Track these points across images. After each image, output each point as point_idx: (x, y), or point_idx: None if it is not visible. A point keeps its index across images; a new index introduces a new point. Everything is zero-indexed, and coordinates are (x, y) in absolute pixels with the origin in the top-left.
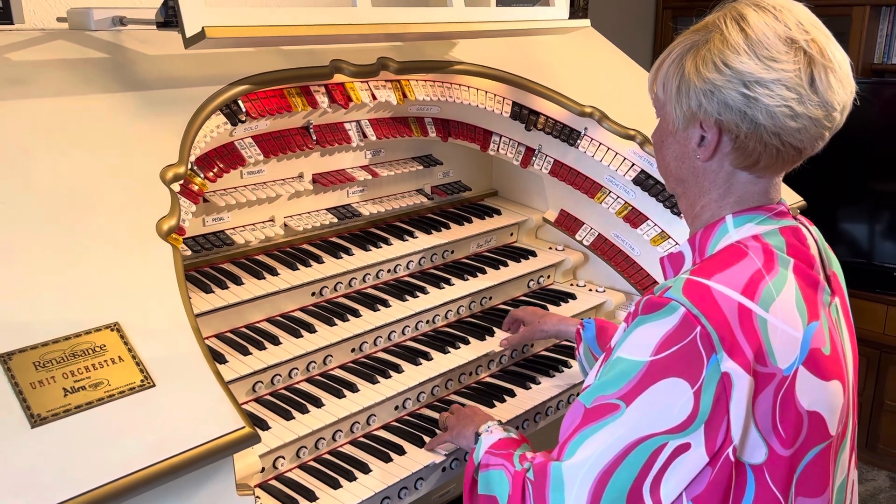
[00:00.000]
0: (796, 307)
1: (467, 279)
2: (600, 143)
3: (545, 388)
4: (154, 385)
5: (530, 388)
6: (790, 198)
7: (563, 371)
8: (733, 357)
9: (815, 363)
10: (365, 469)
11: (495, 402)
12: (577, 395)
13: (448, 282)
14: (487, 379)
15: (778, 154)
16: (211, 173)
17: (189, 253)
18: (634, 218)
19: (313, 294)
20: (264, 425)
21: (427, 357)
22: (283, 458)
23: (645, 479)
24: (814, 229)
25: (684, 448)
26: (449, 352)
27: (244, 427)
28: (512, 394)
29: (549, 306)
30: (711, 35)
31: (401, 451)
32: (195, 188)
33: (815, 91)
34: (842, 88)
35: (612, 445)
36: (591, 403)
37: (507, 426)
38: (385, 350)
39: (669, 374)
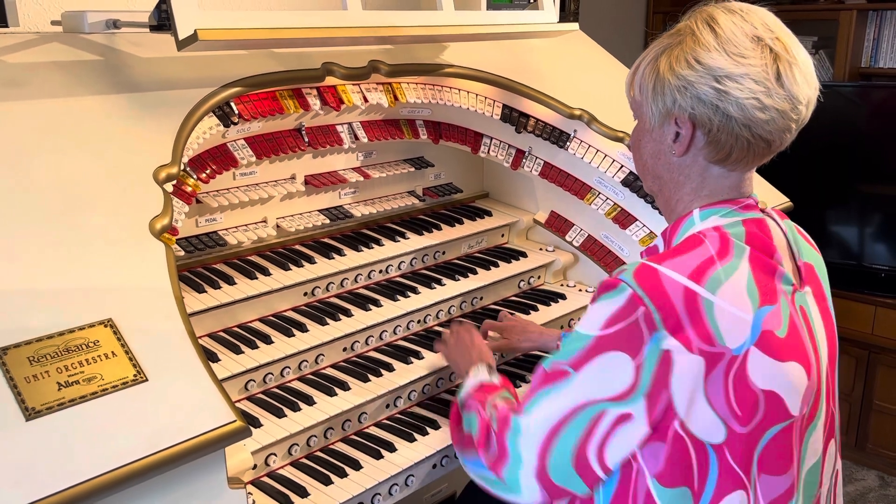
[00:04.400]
0: (746, 291)
1: (458, 280)
2: (589, 146)
3: None
4: (147, 380)
5: (520, 385)
6: (776, 199)
7: None
8: (675, 336)
9: (768, 344)
10: (356, 466)
11: None
12: None
13: (439, 282)
14: None
15: (749, 146)
16: (204, 174)
17: (182, 253)
18: (623, 219)
19: (305, 294)
20: (256, 423)
21: (418, 356)
22: (276, 455)
23: (588, 442)
24: (786, 223)
25: (626, 418)
26: (439, 351)
27: (235, 421)
28: None
29: (539, 306)
30: (683, 37)
31: (391, 448)
32: (188, 189)
33: (782, 85)
34: (806, 84)
35: (560, 407)
36: (549, 368)
37: (493, 370)
38: (376, 349)
39: (613, 348)
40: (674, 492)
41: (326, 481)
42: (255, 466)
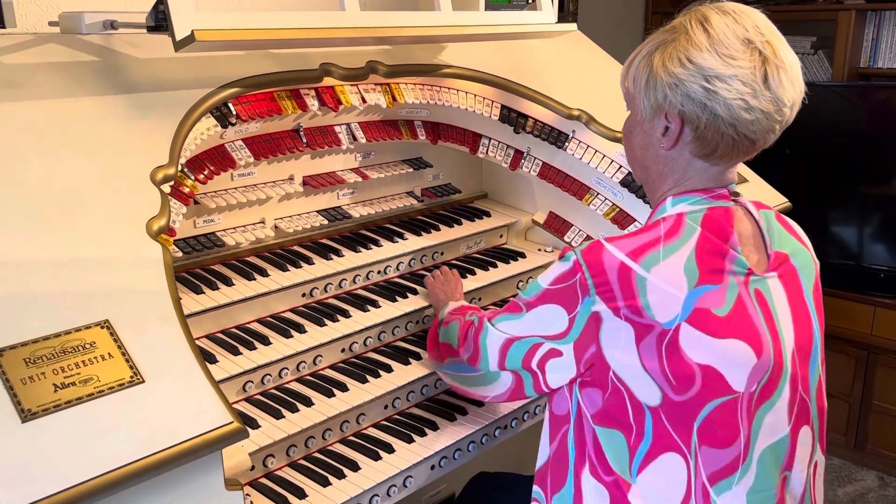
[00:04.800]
0: (684, 271)
1: None
2: (588, 146)
3: None
4: (143, 381)
5: None
6: (775, 200)
7: None
8: (605, 302)
9: (703, 321)
10: (354, 467)
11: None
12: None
13: None
14: None
15: (734, 144)
16: (202, 175)
17: (180, 254)
18: (622, 219)
19: (303, 295)
20: (255, 424)
21: (417, 356)
22: (274, 456)
23: (531, 359)
24: (762, 212)
25: (557, 353)
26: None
27: (232, 422)
28: None
29: None
30: (678, 35)
31: (390, 449)
32: (186, 190)
33: (768, 87)
34: (792, 87)
35: (512, 331)
36: (516, 299)
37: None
38: (375, 350)
39: (554, 302)
40: (608, 431)
41: (325, 483)
42: (252, 468)
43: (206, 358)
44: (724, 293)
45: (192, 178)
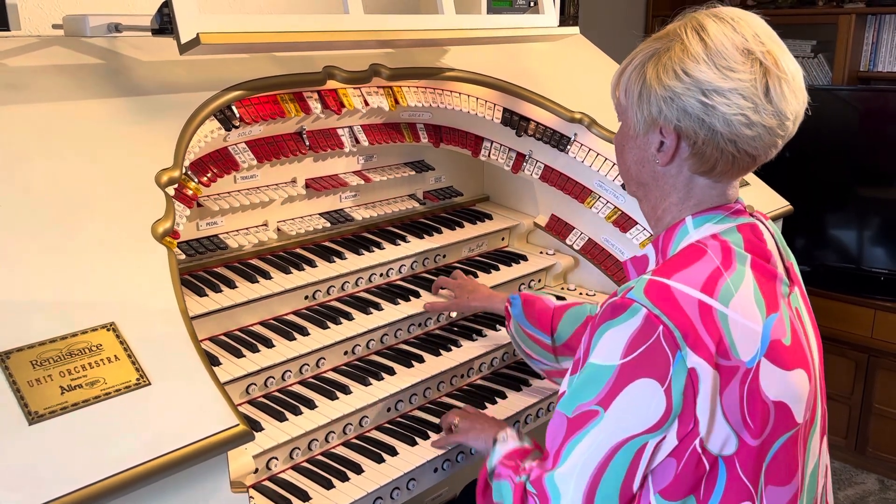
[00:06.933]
0: (755, 301)
1: None
2: (590, 149)
3: (536, 391)
4: (149, 383)
5: (521, 389)
6: (776, 203)
7: None
8: (697, 352)
9: (777, 354)
10: (357, 470)
11: (486, 404)
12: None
13: None
14: (479, 381)
15: (734, 160)
16: (205, 178)
17: (183, 257)
18: (624, 222)
19: (306, 297)
20: (258, 427)
21: (419, 359)
22: (277, 459)
23: (634, 477)
24: (770, 223)
25: (662, 440)
26: (441, 354)
27: (238, 425)
28: (503, 395)
29: None
30: (672, 43)
31: (393, 451)
32: (189, 193)
33: (770, 101)
34: (794, 99)
35: (597, 450)
36: (573, 413)
37: (522, 434)
38: (377, 353)
39: (639, 376)
40: None
41: (328, 485)
42: (256, 470)
43: (210, 360)
44: (784, 320)
45: (196, 180)
